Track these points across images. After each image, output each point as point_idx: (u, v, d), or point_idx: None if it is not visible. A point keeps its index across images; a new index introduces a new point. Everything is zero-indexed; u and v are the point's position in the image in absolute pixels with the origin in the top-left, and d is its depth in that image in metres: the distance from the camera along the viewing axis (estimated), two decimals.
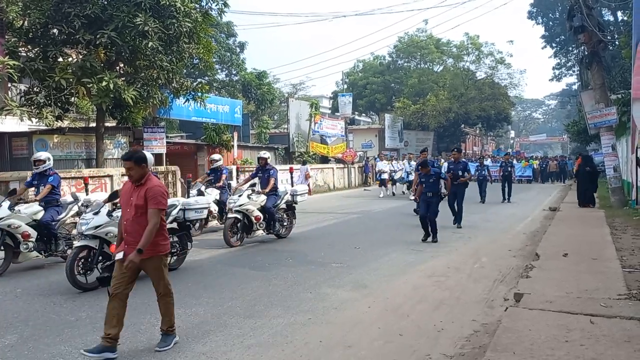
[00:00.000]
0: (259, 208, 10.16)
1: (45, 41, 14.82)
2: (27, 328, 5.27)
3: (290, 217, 11.26)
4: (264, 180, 10.58)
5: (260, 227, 10.17)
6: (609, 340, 4.23)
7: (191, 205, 8.39)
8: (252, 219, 10.03)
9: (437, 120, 42.12)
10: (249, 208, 9.99)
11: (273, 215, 10.35)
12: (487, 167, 20.07)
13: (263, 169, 10.75)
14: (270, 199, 10.32)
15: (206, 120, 22.95)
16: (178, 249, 7.94)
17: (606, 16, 32.75)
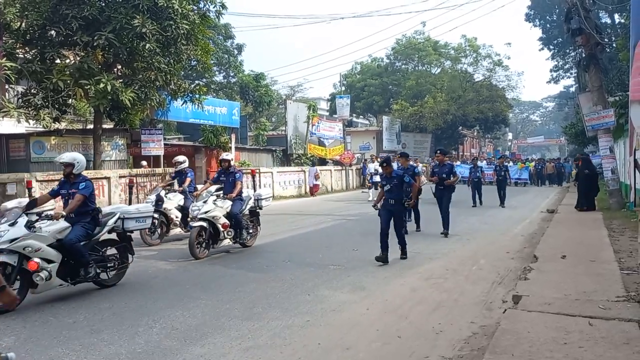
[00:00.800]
0: (225, 215, 9.29)
1: (42, 43, 14.83)
2: (24, 330, 5.25)
3: (255, 224, 10.37)
4: (228, 185, 9.66)
5: (229, 236, 9.32)
6: (607, 342, 4.23)
7: (131, 214, 7.30)
8: (219, 227, 9.12)
9: (435, 122, 42.16)
10: (215, 215, 9.06)
11: (240, 222, 9.52)
12: (480, 169, 19.24)
13: (226, 172, 9.88)
14: (236, 204, 9.48)
15: (204, 122, 22.97)
16: (116, 263, 7.06)
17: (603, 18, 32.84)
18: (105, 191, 15.24)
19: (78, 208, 6.58)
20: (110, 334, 5.09)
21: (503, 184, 18.59)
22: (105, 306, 6.06)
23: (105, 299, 6.35)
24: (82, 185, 6.77)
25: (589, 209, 14.91)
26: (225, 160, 9.93)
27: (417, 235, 11.46)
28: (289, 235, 11.70)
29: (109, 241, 7.25)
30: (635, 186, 14.10)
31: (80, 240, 6.56)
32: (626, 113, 14.20)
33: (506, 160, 33.53)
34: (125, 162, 18.66)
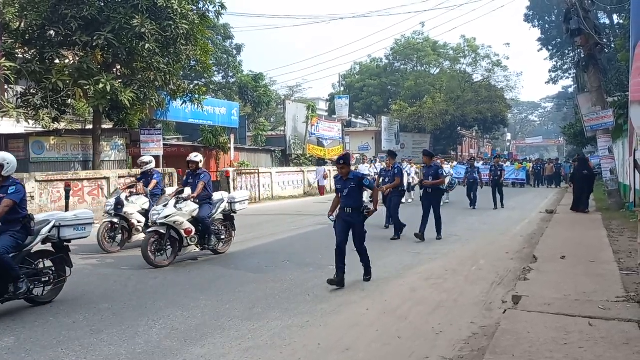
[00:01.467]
0: (191, 219, 8.66)
1: (42, 43, 14.83)
2: (24, 330, 5.24)
3: (229, 229, 9.66)
4: (194, 187, 8.99)
5: (192, 242, 8.65)
6: (607, 342, 4.24)
7: (68, 221, 6.43)
8: (182, 233, 8.49)
9: (434, 122, 42.21)
10: (176, 220, 8.40)
11: (208, 228, 8.85)
12: (477, 170, 18.52)
13: (194, 174, 9.22)
14: (204, 208, 8.87)
15: (203, 122, 22.98)
16: (52, 277, 6.25)
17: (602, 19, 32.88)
18: (104, 191, 15.22)
19: (6, 215, 5.75)
20: (110, 334, 5.08)
21: (499, 185, 17.83)
22: (105, 306, 6.05)
23: (104, 299, 6.35)
24: (11, 189, 5.91)
25: (584, 210, 14.80)
26: (193, 162, 9.30)
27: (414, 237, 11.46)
28: (288, 236, 11.70)
29: (43, 252, 6.45)
30: (635, 186, 14.12)
31: (8, 251, 5.71)
32: (625, 113, 14.24)
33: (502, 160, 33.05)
34: (124, 162, 18.66)
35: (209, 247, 8.99)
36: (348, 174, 7.23)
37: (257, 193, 21.72)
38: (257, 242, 10.72)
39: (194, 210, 8.76)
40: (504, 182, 19.32)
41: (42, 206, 13.43)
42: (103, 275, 7.65)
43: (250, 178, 21.45)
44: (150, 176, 10.81)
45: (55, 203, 13.86)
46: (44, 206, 13.51)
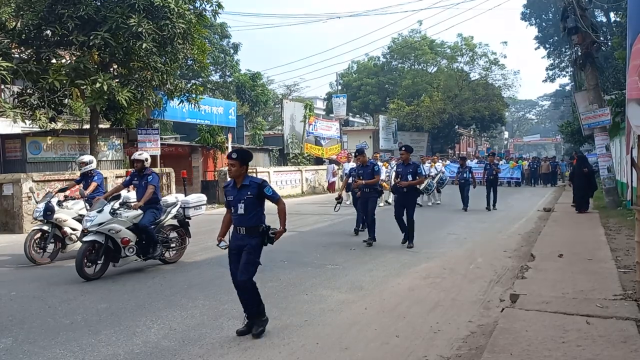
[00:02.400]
0: (131, 227, 7.75)
1: (38, 42, 14.78)
2: (22, 331, 5.24)
3: (183, 236, 8.77)
4: (141, 189, 8.11)
5: (131, 253, 7.70)
6: (605, 340, 4.25)
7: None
8: (119, 242, 7.57)
9: (431, 121, 42.24)
10: (113, 227, 7.46)
11: (152, 236, 7.90)
12: (469, 169, 17.35)
13: (139, 174, 8.23)
14: (148, 214, 7.93)
15: (200, 121, 22.96)
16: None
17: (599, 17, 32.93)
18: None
19: None
20: (108, 334, 5.08)
21: (494, 184, 16.79)
22: (103, 307, 6.05)
23: (103, 299, 6.34)
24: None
25: (586, 209, 14.45)
26: (138, 160, 8.25)
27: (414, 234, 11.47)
28: (287, 235, 11.60)
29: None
30: (632, 184, 14.14)
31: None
32: (622, 111, 14.25)
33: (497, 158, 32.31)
34: (121, 162, 18.63)
35: (153, 256, 8.05)
36: (242, 177, 5.14)
37: None
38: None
39: (136, 217, 7.84)
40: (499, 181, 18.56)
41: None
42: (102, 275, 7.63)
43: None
44: (90, 178, 9.59)
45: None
46: None
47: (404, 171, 9.85)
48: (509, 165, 31.13)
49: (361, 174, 10.31)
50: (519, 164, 32.04)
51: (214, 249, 8.65)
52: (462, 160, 18.53)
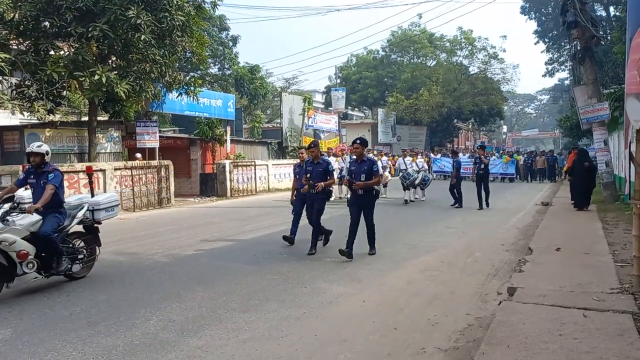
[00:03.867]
0: (28, 237, 6.20)
1: (36, 34, 14.72)
2: (21, 322, 5.25)
3: (92, 245, 7.26)
4: (39, 190, 6.53)
5: (30, 269, 6.18)
6: (602, 333, 4.27)
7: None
8: (14, 257, 6.03)
9: (430, 115, 42.21)
10: (5, 238, 5.91)
11: (55, 247, 6.41)
12: (457, 163, 16.23)
13: (37, 172, 6.65)
14: (49, 220, 6.40)
15: (199, 114, 22.92)
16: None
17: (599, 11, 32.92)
18: (100, 183, 15.20)
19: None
20: (107, 326, 5.10)
21: (484, 179, 15.19)
22: (102, 298, 6.06)
23: (101, 292, 6.35)
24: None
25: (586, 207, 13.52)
26: (36, 154, 6.60)
27: (412, 228, 11.50)
28: (285, 228, 11.64)
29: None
30: (630, 179, 14.16)
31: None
32: (621, 106, 14.26)
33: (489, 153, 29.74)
34: (120, 154, 18.62)
35: (58, 272, 6.58)
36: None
37: (254, 185, 21.75)
38: (254, 234, 10.73)
39: (34, 224, 6.31)
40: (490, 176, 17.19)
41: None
42: (99, 268, 7.64)
43: (246, 170, 21.44)
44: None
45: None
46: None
47: (358, 169, 8.22)
48: (502, 160, 29.70)
49: (310, 171, 8.57)
50: (513, 159, 30.40)
51: (211, 242, 8.70)
52: (454, 154, 17.83)
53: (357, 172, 8.21)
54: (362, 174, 8.11)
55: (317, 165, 8.72)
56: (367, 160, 8.28)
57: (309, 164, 8.76)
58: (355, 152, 8.32)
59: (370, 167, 8.18)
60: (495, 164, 27.75)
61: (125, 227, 12.00)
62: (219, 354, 4.39)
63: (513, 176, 29.53)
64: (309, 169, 8.71)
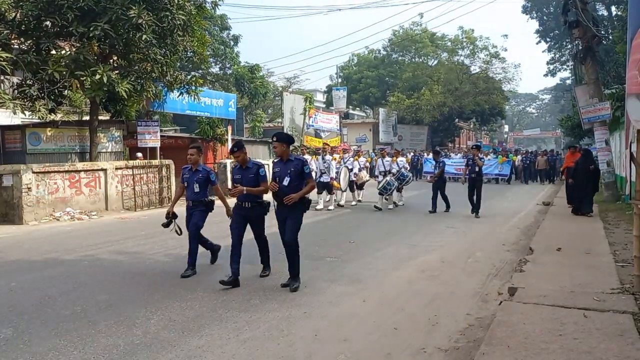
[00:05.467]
0: None
1: (38, 33, 14.72)
2: (22, 322, 5.26)
3: None
4: None
5: None
6: (602, 333, 4.27)
7: None
8: None
9: (432, 114, 42.15)
10: None
11: None
12: (442, 163, 14.64)
13: None
14: None
15: (200, 114, 22.92)
16: None
17: (600, 11, 32.89)
18: (101, 183, 15.22)
19: None
20: (108, 325, 5.10)
21: (477, 183, 13.30)
22: (103, 298, 6.07)
23: (102, 291, 6.36)
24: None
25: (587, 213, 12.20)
26: None
27: (413, 228, 11.51)
28: None
29: None
30: (631, 179, 14.16)
31: None
32: (622, 106, 14.25)
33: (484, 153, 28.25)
34: (121, 153, 18.62)
35: None
36: None
37: None
38: None
39: None
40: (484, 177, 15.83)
41: (39, 198, 13.42)
42: (100, 267, 7.66)
43: None
44: None
45: (53, 195, 13.85)
46: (41, 198, 13.49)
47: (282, 172, 6.44)
48: (498, 160, 27.44)
49: (238, 179, 6.79)
50: (509, 159, 28.08)
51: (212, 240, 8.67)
52: (436, 154, 15.62)
53: (281, 175, 6.43)
54: (287, 177, 6.37)
55: (246, 170, 6.84)
56: (295, 160, 6.47)
57: (236, 171, 6.96)
58: (277, 151, 6.59)
59: (300, 169, 6.39)
60: (490, 164, 26.42)
61: (126, 227, 12.01)
62: (219, 354, 4.39)
63: (506, 177, 27.37)
64: (237, 177, 6.86)
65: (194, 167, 7.45)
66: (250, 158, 6.99)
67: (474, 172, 13.37)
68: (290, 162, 6.46)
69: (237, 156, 6.81)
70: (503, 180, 27.24)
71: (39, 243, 10.00)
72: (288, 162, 6.47)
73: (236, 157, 6.83)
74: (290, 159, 6.50)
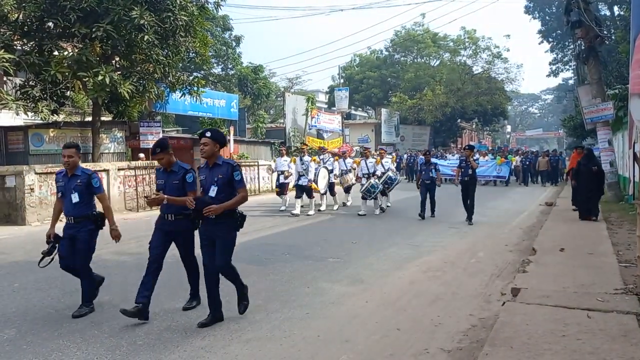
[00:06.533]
0: None
1: (40, 35, 14.77)
2: (25, 322, 5.27)
3: None
4: None
5: None
6: (605, 334, 4.26)
7: None
8: None
9: (434, 115, 42.12)
10: None
11: None
12: (435, 166, 13.43)
13: None
14: None
15: (202, 114, 22.98)
16: None
17: (603, 11, 32.81)
18: (104, 183, 15.24)
19: None
20: (111, 326, 5.11)
21: (470, 186, 12.35)
22: (105, 299, 6.07)
23: (104, 292, 6.36)
24: None
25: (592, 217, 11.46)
26: None
27: (415, 228, 11.50)
28: (288, 228, 11.71)
29: None
30: (634, 179, 14.13)
31: None
32: (625, 106, 14.21)
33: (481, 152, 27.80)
34: (123, 154, 18.66)
35: None
36: None
37: (257, 185, 21.77)
38: (257, 235, 10.73)
39: None
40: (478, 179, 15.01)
41: (41, 198, 13.44)
42: (103, 268, 7.66)
43: (249, 170, 21.46)
44: None
45: (55, 195, 13.85)
46: (44, 198, 13.51)
47: (208, 180, 5.24)
48: (496, 161, 26.32)
49: (160, 185, 5.58)
50: (508, 160, 26.73)
51: None
52: (427, 156, 14.16)
53: (206, 183, 5.25)
54: (214, 186, 5.15)
55: (170, 175, 5.55)
56: (223, 165, 5.22)
57: (159, 175, 5.69)
58: (203, 152, 5.25)
59: (229, 176, 5.13)
60: (487, 165, 25.80)
61: (128, 227, 12.01)
62: (222, 354, 4.39)
63: (505, 179, 25.98)
64: (159, 183, 5.63)
65: (69, 172, 5.73)
66: (177, 160, 5.67)
67: (467, 175, 12.37)
68: (218, 168, 5.21)
69: (161, 158, 5.52)
70: (501, 183, 26.06)
71: (42, 244, 9.95)
72: (215, 167, 5.23)
73: (159, 160, 5.54)
74: (218, 163, 5.23)
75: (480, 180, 18.29)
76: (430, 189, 13.11)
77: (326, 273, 7.24)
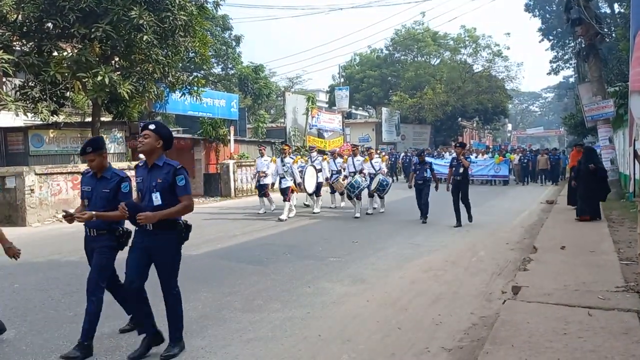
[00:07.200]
0: None
1: (39, 35, 14.76)
2: (25, 323, 5.26)
3: None
4: None
5: None
6: (606, 332, 4.24)
7: None
8: None
9: (434, 113, 42.06)
10: None
11: None
12: (430, 166, 12.71)
13: None
14: None
15: (202, 114, 22.92)
16: None
17: (603, 8, 32.76)
18: None
19: None
20: (111, 326, 5.10)
21: (462, 188, 11.57)
22: (105, 299, 6.04)
23: (105, 292, 6.35)
24: None
25: (593, 217, 10.99)
26: None
27: (416, 227, 11.48)
28: (288, 228, 11.71)
29: None
30: (635, 176, 14.11)
31: None
32: (626, 103, 14.20)
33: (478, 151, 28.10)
34: (123, 154, 18.65)
35: None
36: None
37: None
38: (258, 235, 10.72)
39: None
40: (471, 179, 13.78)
41: (42, 199, 13.44)
42: None
43: (250, 170, 21.43)
44: None
45: (56, 196, 13.86)
46: (44, 199, 13.51)
47: (147, 184, 4.37)
48: (494, 160, 25.33)
49: (87, 192, 4.71)
50: (506, 159, 25.63)
51: (215, 242, 8.70)
52: (422, 156, 13.23)
53: (144, 187, 4.39)
54: (155, 192, 4.29)
55: (100, 181, 4.66)
56: (165, 166, 4.39)
57: (87, 180, 4.77)
58: (141, 146, 4.45)
59: (171, 180, 4.31)
60: (485, 164, 25.30)
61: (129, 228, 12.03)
62: (222, 354, 4.38)
63: (505, 178, 25.15)
64: (85, 190, 4.74)
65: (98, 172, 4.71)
66: (111, 165, 4.84)
67: (458, 174, 11.53)
68: (158, 170, 4.35)
69: (92, 160, 4.61)
70: (500, 182, 25.20)
71: (42, 245, 10.01)
72: (154, 168, 4.36)
73: (90, 162, 4.63)
74: (158, 164, 4.38)
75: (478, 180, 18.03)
76: (423, 189, 12.38)
77: (327, 273, 7.23)
